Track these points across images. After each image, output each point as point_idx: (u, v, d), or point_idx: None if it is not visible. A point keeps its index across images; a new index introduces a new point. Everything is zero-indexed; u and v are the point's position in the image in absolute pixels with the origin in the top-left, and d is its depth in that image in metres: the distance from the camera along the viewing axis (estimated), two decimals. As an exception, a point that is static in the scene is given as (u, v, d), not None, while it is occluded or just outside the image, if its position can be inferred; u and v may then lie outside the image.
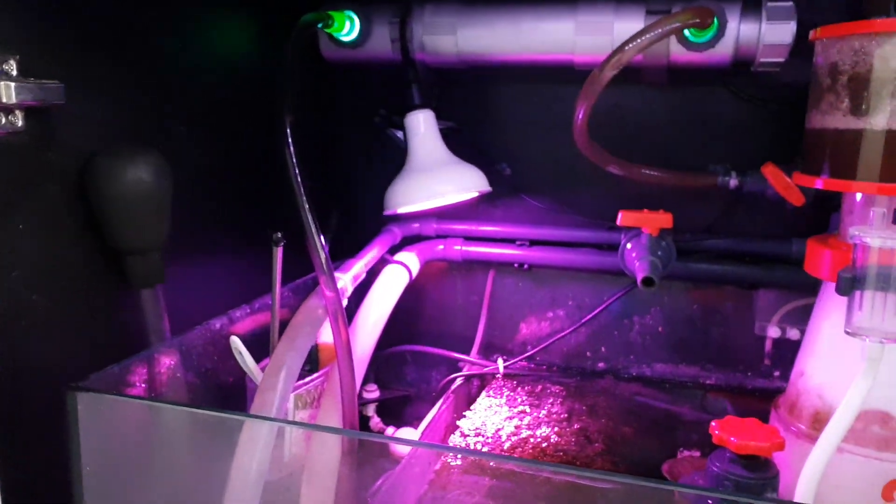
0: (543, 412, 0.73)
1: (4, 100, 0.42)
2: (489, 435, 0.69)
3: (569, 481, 0.50)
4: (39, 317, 0.47)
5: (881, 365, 0.46)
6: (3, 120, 0.43)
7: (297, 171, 0.61)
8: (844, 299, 0.48)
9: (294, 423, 0.60)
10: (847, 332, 0.47)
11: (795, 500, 0.50)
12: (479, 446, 0.68)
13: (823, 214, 0.68)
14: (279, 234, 0.56)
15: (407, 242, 0.85)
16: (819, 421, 0.55)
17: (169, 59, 0.61)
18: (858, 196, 0.54)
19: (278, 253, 0.57)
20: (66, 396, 0.46)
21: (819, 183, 0.54)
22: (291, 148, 0.61)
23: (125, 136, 0.54)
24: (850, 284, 0.46)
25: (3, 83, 0.42)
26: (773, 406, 0.61)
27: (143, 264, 0.53)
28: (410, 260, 0.79)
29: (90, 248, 0.51)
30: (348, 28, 0.73)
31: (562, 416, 0.72)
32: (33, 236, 0.46)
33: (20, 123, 0.44)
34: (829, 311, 0.56)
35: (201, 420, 0.47)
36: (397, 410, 0.92)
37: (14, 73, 0.43)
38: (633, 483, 0.38)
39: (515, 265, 0.84)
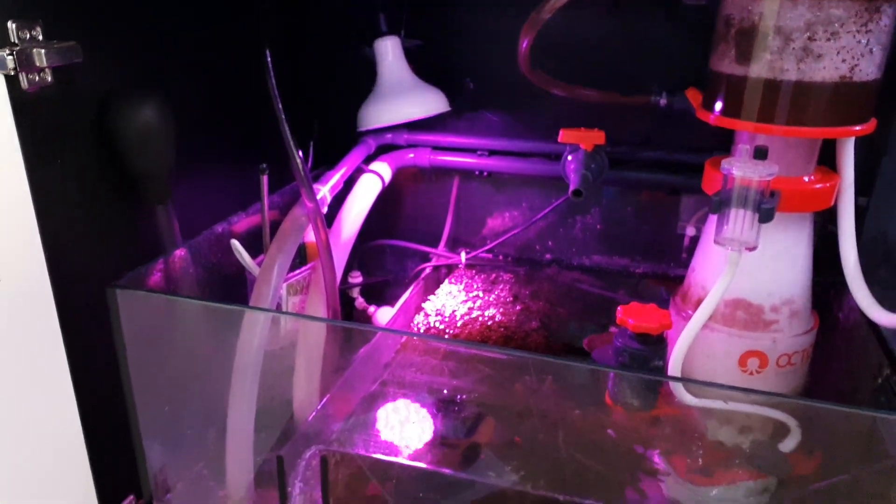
0: (493, 296, 0.87)
1: (37, 63, 0.52)
2: (447, 315, 0.84)
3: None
4: (80, 231, 0.59)
5: (744, 265, 0.60)
6: (37, 78, 0.53)
7: (278, 100, 0.71)
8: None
9: (286, 313, 0.73)
10: (715, 243, 0.60)
11: (670, 363, 0.65)
12: (437, 324, 0.83)
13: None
14: (264, 166, 0.67)
15: (381, 150, 0.96)
16: (701, 307, 0.70)
17: (164, 11, 0.69)
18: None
19: (264, 181, 0.69)
20: (107, 292, 0.60)
21: (711, 118, 0.65)
22: (273, 80, 0.71)
23: (132, 81, 0.63)
24: (719, 206, 0.59)
25: (34, 49, 0.52)
26: (672, 295, 0.75)
27: (155, 186, 0.65)
28: (383, 169, 0.91)
29: (112, 176, 0.61)
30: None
31: (508, 299, 0.87)
32: (68, 168, 0.57)
33: (49, 79, 0.54)
34: (714, 221, 0.68)
35: (213, 310, 0.61)
36: (378, 293, 1.07)
37: (40, 38, 0.53)
38: (521, 356, 0.52)
39: (477, 172, 0.95)
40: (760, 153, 0.58)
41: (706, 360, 0.67)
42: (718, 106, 0.64)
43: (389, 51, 0.80)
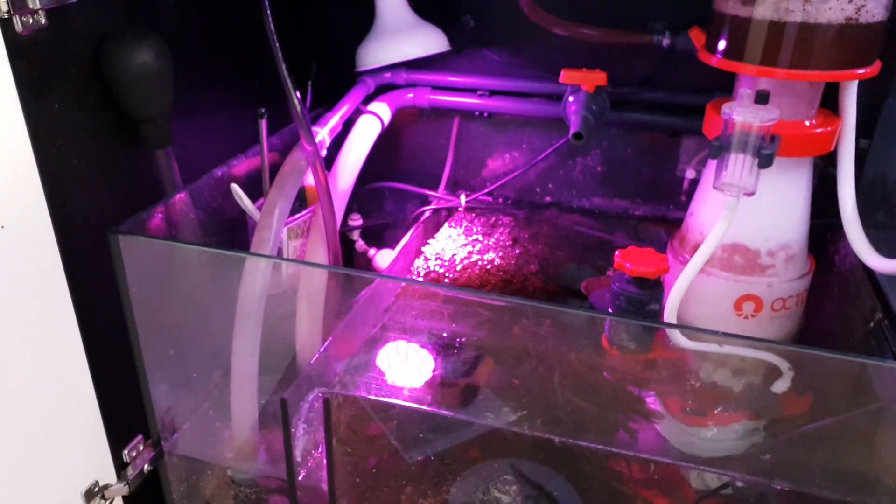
0: (493, 240, 0.88)
1: (31, 5, 0.51)
2: (446, 259, 0.85)
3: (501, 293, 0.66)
4: (80, 176, 0.59)
5: (742, 210, 0.60)
6: (31, 20, 0.52)
7: (276, 41, 0.70)
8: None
9: (286, 259, 0.74)
10: (714, 188, 0.60)
11: (666, 307, 0.66)
12: (437, 268, 0.84)
13: (739, 72, 0.77)
14: (262, 110, 0.67)
15: (380, 90, 0.94)
16: (698, 251, 0.70)
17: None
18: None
19: (263, 125, 0.68)
20: (109, 237, 0.60)
21: (714, 61, 0.64)
22: (270, 20, 0.70)
23: (129, 23, 0.62)
24: (718, 150, 0.59)
25: (28, -9, 0.51)
26: (669, 239, 0.76)
27: (154, 129, 0.64)
28: (382, 110, 0.90)
29: (110, 119, 0.61)
30: None
31: (508, 242, 0.87)
32: (65, 112, 0.57)
33: (43, 21, 0.53)
34: (714, 166, 0.68)
35: (215, 255, 0.61)
36: (378, 235, 1.07)
37: (33, -21, 0.52)
38: (519, 303, 0.53)
39: (477, 113, 0.94)
40: (762, 97, 0.57)
41: (702, 305, 0.68)
42: (721, 48, 0.63)
43: (387, -12, 0.78)
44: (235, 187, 0.71)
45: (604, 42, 0.81)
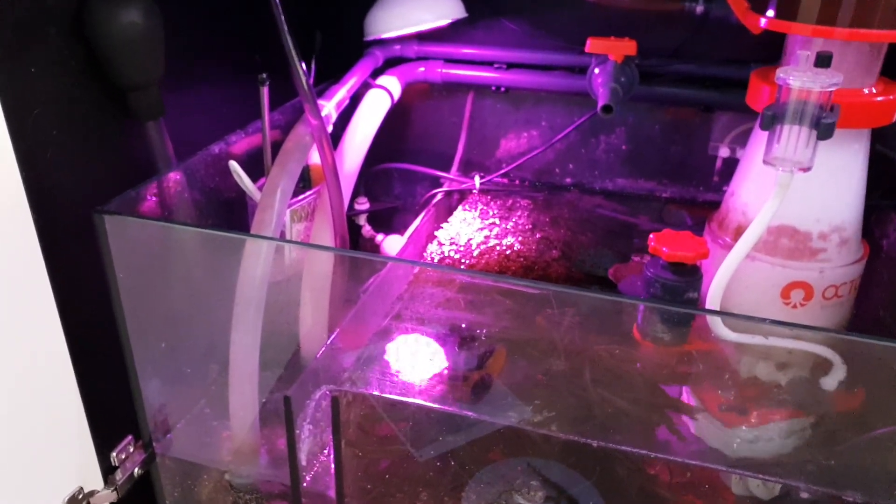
0: (511, 224, 0.82)
1: (1, -44, 0.45)
2: (462, 244, 0.79)
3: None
4: (61, 149, 0.53)
5: (792, 188, 0.54)
6: (2, -27, 0.46)
7: (280, 12, 0.64)
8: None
9: (289, 241, 0.68)
10: (765, 162, 0.54)
11: (708, 295, 0.61)
12: (452, 254, 0.78)
13: (782, 40, 0.71)
14: (264, 76, 0.61)
15: (389, 64, 0.88)
16: (740, 234, 0.64)
17: None
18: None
19: (264, 92, 0.62)
20: (94, 218, 0.54)
21: (763, 21, 0.58)
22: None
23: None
24: (771, 121, 0.53)
25: (-4, -62, 0.45)
26: (707, 221, 0.70)
27: (145, 99, 0.58)
28: (392, 84, 0.84)
29: (96, 87, 0.56)
30: None
31: (527, 226, 0.81)
32: (44, 77, 0.51)
33: (16, -26, 0.47)
34: (760, 140, 0.62)
35: (211, 238, 0.56)
36: (386, 220, 1.02)
37: (4, -75, 0.46)
38: (546, 288, 0.48)
39: (493, 87, 0.88)
40: (823, 60, 0.51)
41: (745, 292, 0.63)
42: (771, 8, 0.57)
43: (399, -51, 0.72)
44: (234, 164, 0.66)
45: (633, 9, 0.75)
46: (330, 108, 0.73)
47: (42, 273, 0.51)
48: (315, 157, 0.75)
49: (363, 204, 0.97)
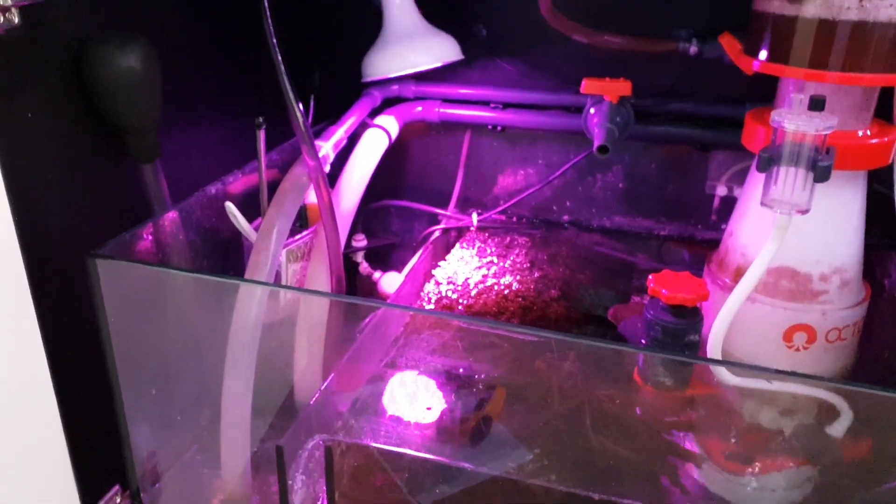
0: (509, 262, 0.82)
1: (1, 2, 0.45)
2: (459, 283, 0.78)
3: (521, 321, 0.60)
4: (55, 192, 0.53)
5: (791, 229, 0.54)
6: (2, 19, 0.46)
7: (276, 46, 0.64)
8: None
9: (283, 286, 0.68)
10: (762, 204, 0.54)
11: (710, 339, 0.60)
12: (449, 293, 0.77)
13: (775, 80, 0.71)
14: (260, 119, 0.61)
15: (387, 104, 0.89)
16: (740, 275, 0.63)
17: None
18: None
19: (261, 136, 0.62)
20: (87, 262, 0.54)
21: (756, 65, 0.58)
22: (270, 22, 0.64)
23: (113, 24, 0.56)
24: (767, 163, 0.52)
25: (-5, -14, 0.45)
26: (706, 261, 0.69)
27: (141, 142, 0.58)
28: (390, 123, 0.84)
29: (92, 130, 0.56)
30: None
31: (525, 265, 0.81)
32: (40, 121, 0.51)
33: (16, 20, 0.47)
34: (757, 181, 0.62)
35: (207, 283, 0.55)
36: (384, 257, 1.01)
37: (3, -27, 0.46)
38: (546, 336, 0.47)
39: (490, 126, 0.88)
40: (817, 104, 0.51)
41: (747, 335, 0.62)
42: (763, 51, 0.57)
43: (396, -8, 0.73)
44: (230, 206, 0.65)
45: (627, 50, 0.75)
46: (327, 148, 0.73)
47: (31, 317, 0.51)
48: (312, 197, 0.75)
49: (361, 241, 0.97)
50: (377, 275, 0.97)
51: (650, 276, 0.63)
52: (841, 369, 0.62)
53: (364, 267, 0.97)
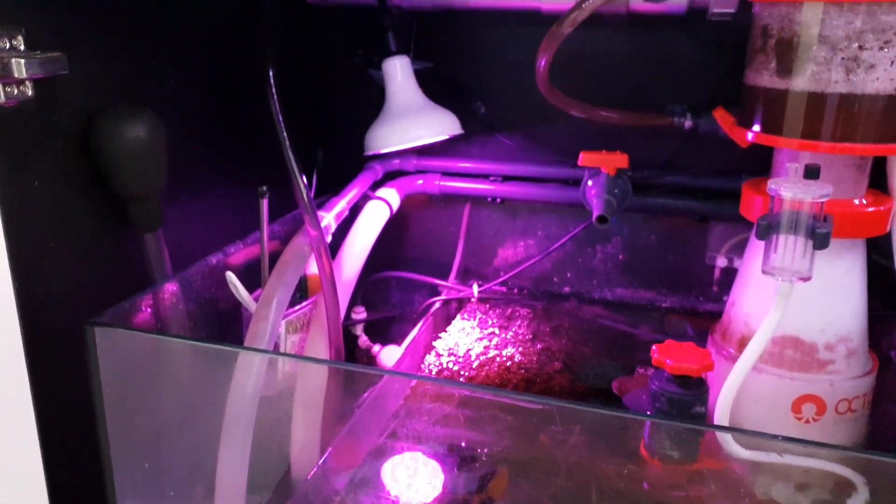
0: (511, 333, 0.81)
1: (16, 74, 0.47)
2: (461, 355, 0.77)
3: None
4: (56, 260, 0.53)
5: (793, 298, 0.54)
6: (16, 91, 0.48)
7: (280, 119, 0.66)
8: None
9: (284, 354, 0.67)
10: (764, 272, 0.54)
11: (716, 410, 0.59)
12: (451, 365, 0.76)
13: (770, 152, 0.73)
14: (264, 188, 0.62)
15: (388, 177, 0.90)
16: (744, 345, 0.62)
17: (156, 19, 0.64)
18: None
19: (264, 204, 0.63)
20: (85, 330, 0.53)
21: (750, 136, 0.59)
22: (275, 95, 0.66)
23: (121, 96, 0.58)
24: (766, 230, 0.53)
25: (14, 60, 0.46)
26: (710, 332, 0.69)
27: (144, 210, 0.59)
28: (391, 195, 0.85)
29: (96, 198, 0.56)
30: (326, -25, 0.76)
31: (527, 336, 0.80)
32: (46, 190, 0.52)
33: (30, 93, 0.49)
34: (757, 250, 0.62)
35: (203, 350, 0.54)
36: (383, 329, 1.00)
37: (22, 47, 0.48)
38: (552, 404, 0.46)
39: (490, 199, 0.90)
40: (812, 172, 0.52)
41: (754, 406, 0.61)
42: (757, 123, 0.59)
43: (399, 70, 0.75)
44: (231, 275, 0.65)
45: (623, 124, 0.77)
46: (329, 218, 0.74)
47: (24, 390, 0.50)
48: (312, 268, 0.75)
49: (360, 313, 0.96)
50: (376, 348, 0.96)
51: (654, 347, 0.62)
52: (853, 444, 0.60)
53: (363, 340, 0.96)
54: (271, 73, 0.67)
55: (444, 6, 0.78)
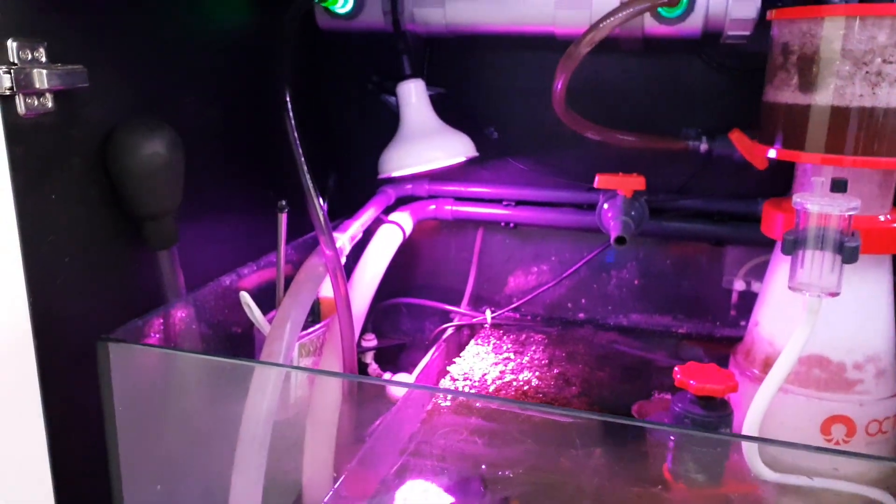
0: (526, 358, 0.79)
1: (37, 85, 0.46)
2: (476, 379, 0.76)
3: (543, 419, 0.57)
4: (70, 276, 0.52)
5: (820, 315, 0.53)
6: (36, 103, 0.47)
7: (297, 140, 0.66)
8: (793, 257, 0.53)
9: (300, 368, 0.66)
10: (790, 288, 0.53)
11: (746, 426, 0.57)
12: (466, 389, 0.74)
13: (787, 174, 0.72)
14: (283, 203, 0.61)
15: (400, 203, 0.90)
16: (769, 365, 0.61)
17: (177, 37, 0.64)
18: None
19: (283, 219, 0.62)
20: (97, 346, 0.52)
21: (772, 152, 0.59)
22: (291, 117, 0.66)
23: (140, 112, 0.58)
24: (792, 245, 0.52)
25: (35, 70, 0.46)
26: (731, 353, 0.67)
27: (159, 228, 0.58)
28: (404, 219, 0.84)
29: (112, 215, 0.56)
30: (342, 1, 0.77)
31: (543, 361, 0.79)
32: (62, 205, 0.51)
33: (50, 105, 0.48)
34: (781, 267, 0.61)
35: (217, 367, 0.53)
36: (393, 358, 0.98)
37: (43, 59, 0.48)
38: (596, 418, 0.44)
39: (502, 223, 0.89)
40: (839, 185, 0.51)
41: (781, 428, 0.59)
42: (778, 140, 0.59)
43: (413, 93, 0.75)
44: (245, 295, 0.64)
45: (638, 147, 0.77)
46: (344, 240, 0.73)
47: (36, 407, 0.48)
48: (325, 290, 0.74)
49: (370, 341, 0.95)
50: (387, 376, 0.94)
51: (676, 368, 0.61)
52: (885, 467, 0.59)
53: (373, 368, 0.95)
54: (288, 98, 0.67)
55: (457, 31, 0.78)
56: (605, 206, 0.76)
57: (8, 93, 0.45)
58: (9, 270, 0.47)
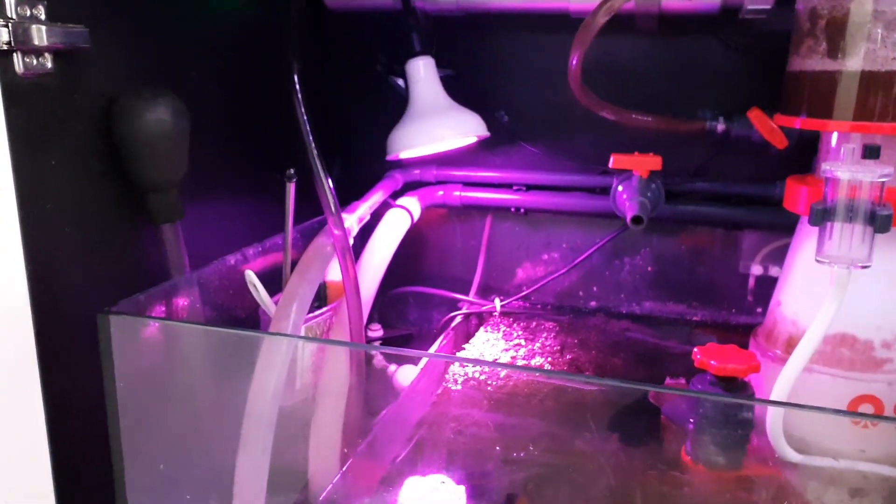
0: (538, 345, 0.77)
1: (36, 42, 0.45)
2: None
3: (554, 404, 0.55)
4: (70, 247, 0.50)
5: (847, 291, 0.51)
6: (35, 62, 0.46)
7: (304, 117, 0.64)
8: (817, 233, 0.51)
9: (310, 338, 0.64)
10: (818, 261, 0.51)
11: (768, 416, 0.55)
12: (477, 375, 0.72)
13: (806, 157, 0.70)
14: (292, 171, 0.59)
15: (408, 188, 0.88)
16: (792, 346, 0.59)
17: (184, 9, 0.63)
18: (834, 136, 0.58)
19: (291, 188, 0.60)
20: (98, 319, 0.50)
21: (798, 123, 0.57)
22: (299, 94, 0.64)
23: (145, 80, 0.56)
24: (821, 216, 0.50)
25: (34, 26, 0.45)
26: (752, 335, 0.65)
27: (164, 201, 0.56)
28: (412, 204, 0.82)
29: (115, 187, 0.54)
30: (351, -23, 0.75)
31: (555, 348, 0.76)
32: (63, 172, 0.49)
33: (49, 65, 0.47)
34: (804, 244, 0.59)
35: (223, 339, 0.51)
36: (399, 348, 0.96)
37: (42, 17, 0.46)
38: (622, 386, 0.42)
39: (512, 209, 0.87)
40: (872, 151, 0.49)
41: (806, 409, 0.57)
42: (804, 110, 0.57)
43: (422, 71, 0.73)
44: (250, 274, 0.62)
45: (653, 129, 0.75)
46: (352, 221, 0.72)
47: (34, 380, 0.46)
48: (331, 274, 0.72)
49: (376, 331, 0.92)
50: (392, 367, 0.92)
51: (696, 349, 0.59)
52: (915, 448, 0.57)
53: (378, 359, 0.92)
54: (296, 76, 0.65)
55: (467, 9, 0.77)
56: (620, 188, 0.75)
57: (5, 47, 0.43)
58: (7, 239, 0.45)
